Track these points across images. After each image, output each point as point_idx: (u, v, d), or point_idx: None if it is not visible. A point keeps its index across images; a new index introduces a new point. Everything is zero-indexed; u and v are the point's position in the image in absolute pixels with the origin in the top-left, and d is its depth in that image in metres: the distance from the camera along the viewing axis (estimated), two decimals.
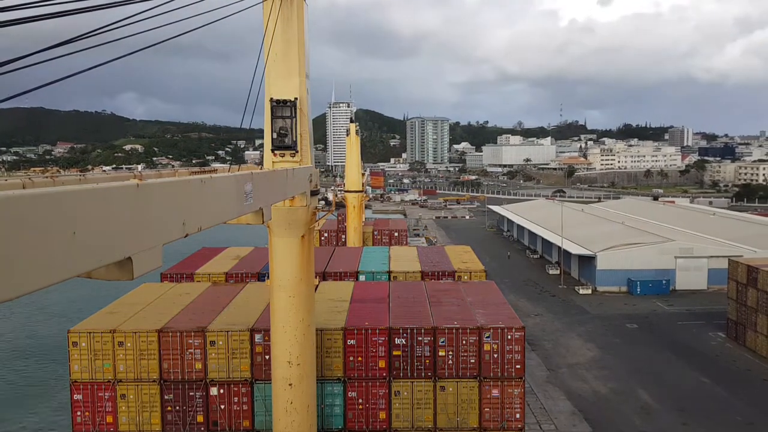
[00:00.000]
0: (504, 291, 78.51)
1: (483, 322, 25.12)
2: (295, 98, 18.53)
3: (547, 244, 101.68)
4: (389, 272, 37.04)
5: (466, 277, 36.59)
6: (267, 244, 20.67)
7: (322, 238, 69.24)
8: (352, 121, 79.09)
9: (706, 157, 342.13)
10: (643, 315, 68.50)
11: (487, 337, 24.51)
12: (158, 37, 10.12)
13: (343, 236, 68.89)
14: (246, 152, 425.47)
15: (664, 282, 78.28)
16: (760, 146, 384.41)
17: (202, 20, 12.20)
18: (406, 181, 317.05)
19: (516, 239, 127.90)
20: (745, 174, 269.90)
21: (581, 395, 46.15)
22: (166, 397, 24.47)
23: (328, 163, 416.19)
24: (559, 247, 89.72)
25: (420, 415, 24.50)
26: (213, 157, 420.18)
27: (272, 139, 18.68)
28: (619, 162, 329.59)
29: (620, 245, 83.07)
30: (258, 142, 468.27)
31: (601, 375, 50.65)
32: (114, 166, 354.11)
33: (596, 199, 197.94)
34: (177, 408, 24.48)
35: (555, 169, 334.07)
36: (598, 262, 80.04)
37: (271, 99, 18.44)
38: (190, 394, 24.49)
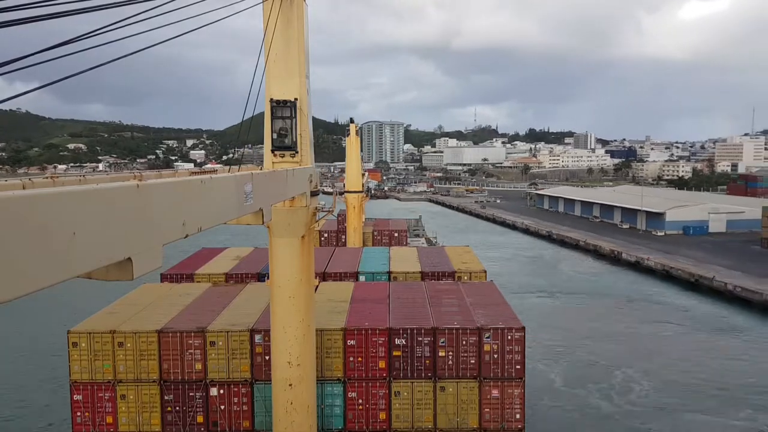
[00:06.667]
0: (612, 238, 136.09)
1: (483, 323, 25.10)
2: (295, 98, 18.51)
3: (606, 211, 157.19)
4: (389, 273, 37.01)
5: (466, 278, 36.54)
6: (267, 245, 20.63)
7: (322, 238, 69.17)
8: (352, 121, 79.10)
9: (613, 159, 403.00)
10: (721, 242, 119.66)
11: (487, 338, 24.50)
12: (158, 37, 10.13)
13: (343, 237, 68.89)
14: (192, 151, 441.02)
15: (705, 227, 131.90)
16: (652, 149, 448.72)
17: (202, 20, 12.24)
18: (384, 178, 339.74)
19: (564, 212, 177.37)
20: (669, 171, 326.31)
21: None
22: (166, 397, 24.45)
23: None
24: (625, 208, 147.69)
25: (420, 416, 24.49)
26: (154, 156, 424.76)
27: (272, 139, 18.65)
28: (563, 161, 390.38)
29: (675, 207, 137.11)
30: (190, 142, 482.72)
31: None
32: (70, 164, 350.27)
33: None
34: (177, 408, 24.46)
35: (511, 167, 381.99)
36: (667, 216, 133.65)
37: (271, 99, 18.42)
38: (190, 394, 24.47)
